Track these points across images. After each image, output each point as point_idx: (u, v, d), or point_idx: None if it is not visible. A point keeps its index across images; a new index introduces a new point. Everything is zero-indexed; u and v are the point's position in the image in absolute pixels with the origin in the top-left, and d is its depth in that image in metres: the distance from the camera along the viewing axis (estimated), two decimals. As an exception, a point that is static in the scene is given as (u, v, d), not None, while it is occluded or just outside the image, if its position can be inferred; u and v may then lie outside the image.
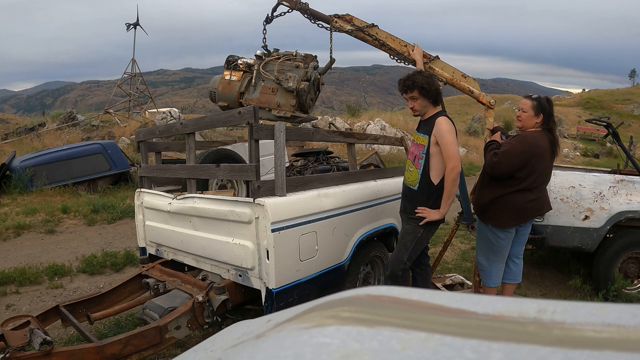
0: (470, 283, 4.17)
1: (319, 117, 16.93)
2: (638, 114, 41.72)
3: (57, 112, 17.23)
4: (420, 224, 3.01)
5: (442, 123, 2.90)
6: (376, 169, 4.53)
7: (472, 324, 0.59)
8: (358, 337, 0.57)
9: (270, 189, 2.72)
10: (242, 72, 3.91)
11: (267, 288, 2.65)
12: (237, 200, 2.83)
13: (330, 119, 16.79)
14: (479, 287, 3.62)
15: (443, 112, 3.03)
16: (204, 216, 3.01)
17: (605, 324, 0.54)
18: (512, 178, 3.13)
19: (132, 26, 21.18)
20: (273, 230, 2.58)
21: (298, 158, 5.06)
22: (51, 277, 4.62)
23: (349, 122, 17.30)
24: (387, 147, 14.00)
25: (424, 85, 2.91)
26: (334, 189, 3.17)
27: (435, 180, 2.97)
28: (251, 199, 2.66)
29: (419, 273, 3.39)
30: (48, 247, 5.70)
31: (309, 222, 2.85)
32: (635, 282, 4.33)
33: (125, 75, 20.97)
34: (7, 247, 5.70)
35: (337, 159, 4.74)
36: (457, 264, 5.21)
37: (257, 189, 2.64)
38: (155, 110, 20.52)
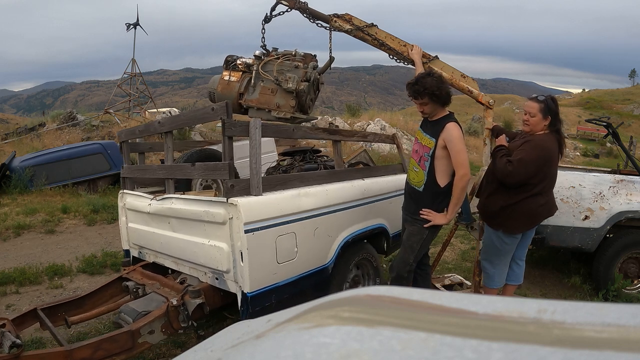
0: (469, 283, 4.17)
1: (319, 117, 16.93)
2: (638, 114, 41.73)
3: (57, 112, 17.21)
4: (424, 226, 3.00)
5: (452, 129, 2.85)
6: (364, 168, 4.42)
7: (472, 324, 0.58)
8: (358, 337, 0.57)
9: (245, 188, 2.61)
10: (241, 73, 3.90)
11: (242, 292, 2.54)
12: (211, 201, 2.75)
13: (330, 119, 16.79)
14: (479, 287, 3.62)
15: (452, 117, 2.96)
16: (181, 217, 2.93)
17: (605, 324, 0.54)
18: (525, 184, 3.06)
19: (132, 26, 21.15)
20: (246, 231, 2.47)
21: (285, 157, 4.99)
22: (51, 277, 4.62)
23: (349, 122, 17.30)
24: (387, 147, 13.98)
25: (434, 92, 2.84)
26: (315, 187, 3.04)
27: (441, 182, 2.95)
28: (225, 199, 2.57)
29: (419, 273, 3.38)
30: (48, 247, 5.70)
31: (287, 222, 2.73)
32: (635, 282, 4.33)
33: (125, 75, 20.95)
34: (7, 247, 5.70)
35: (325, 157, 4.64)
36: (457, 264, 5.22)
37: (230, 187, 2.54)
38: (155, 110, 20.51)
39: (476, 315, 0.61)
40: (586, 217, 4.04)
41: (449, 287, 4.18)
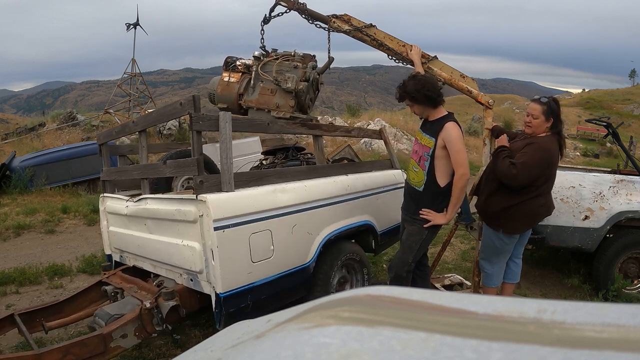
0: (469, 283, 4.17)
1: (319, 117, 16.93)
2: (638, 114, 41.71)
3: (57, 112, 17.21)
4: (424, 226, 3.01)
5: (452, 129, 2.87)
6: (347, 163, 4.39)
7: (472, 324, 0.58)
8: (358, 337, 0.57)
9: (216, 184, 2.53)
10: (240, 74, 3.90)
11: (215, 292, 2.46)
12: (182, 199, 2.68)
13: (330, 119, 16.79)
14: (478, 287, 3.62)
15: (452, 117, 2.98)
16: (155, 217, 2.88)
17: (605, 324, 0.54)
18: (528, 186, 3.05)
19: (132, 26, 21.12)
20: (216, 229, 2.38)
21: (267, 157, 4.89)
22: (51, 277, 4.62)
23: (349, 122, 17.29)
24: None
25: (412, 94, 2.90)
26: (293, 183, 2.95)
27: (441, 182, 2.96)
28: (194, 196, 2.50)
29: (418, 274, 3.38)
30: (48, 247, 5.70)
31: (262, 219, 2.63)
32: (635, 282, 4.33)
33: (125, 75, 20.92)
34: (7, 247, 5.70)
35: (309, 154, 4.54)
36: (457, 264, 5.22)
37: (199, 184, 2.46)
38: (154, 110, 20.38)
39: (476, 315, 0.61)
40: (586, 217, 4.04)
41: (449, 287, 4.18)
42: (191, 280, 2.66)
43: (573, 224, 4.07)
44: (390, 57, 3.75)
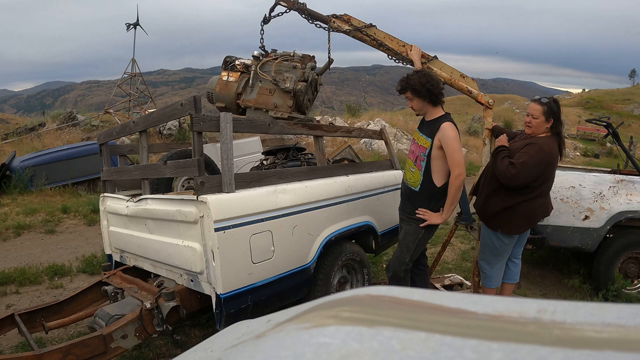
0: (469, 283, 4.17)
1: (319, 117, 16.92)
2: (638, 114, 41.72)
3: (57, 112, 17.22)
4: (420, 225, 3.01)
5: (448, 129, 2.87)
6: (348, 164, 4.38)
7: (472, 324, 0.58)
8: (358, 337, 0.57)
9: (216, 185, 2.52)
10: (239, 73, 3.90)
11: (215, 293, 2.46)
12: (183, 199, 2.67)
13: (330, 119, 16.77)
14: (478, 288, 3.62)
15: (448, 117, 2.99)
16: (156, 218, 2.88)
17: (605, 324, 0.54)
18: (527, 187, 3.05)
19: (132, 26, 21.15)
20: (217, 230, 2.38)
21: (268, 157, 4.87)
22: (51, 277, 4.62)
23: (349, 122, 17.29)
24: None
25: (415, 87, 2.91)
26: (294, 184, 2.95)
27: (438, 182, 2.96)
28: (195, 197, 2.49)
29: (417, 274, 3.39)
30: (48, 247, 5.70)
31: (262, 220, 2.63)
32: (635, 282, 4.33)
33: (125, 75, 20.93)
34: (7, 247, 5.70)
35: (309, 155, 4.50)
36: (457, 264, 5.21)
37: (200, 185, 2.45)
38: (155, 110, 20.37)
39: (476, 315, 0.61)
40: (586, 217, 4.04)
41: (449, 287, 4.18)
42: (191, 280, 2.66)
43: (573, 224, 4.07)
44: (390, 57, 3.76)
